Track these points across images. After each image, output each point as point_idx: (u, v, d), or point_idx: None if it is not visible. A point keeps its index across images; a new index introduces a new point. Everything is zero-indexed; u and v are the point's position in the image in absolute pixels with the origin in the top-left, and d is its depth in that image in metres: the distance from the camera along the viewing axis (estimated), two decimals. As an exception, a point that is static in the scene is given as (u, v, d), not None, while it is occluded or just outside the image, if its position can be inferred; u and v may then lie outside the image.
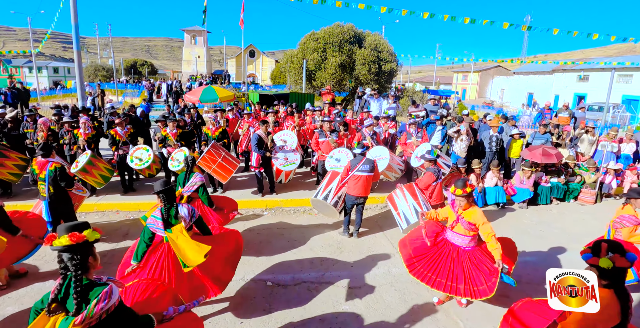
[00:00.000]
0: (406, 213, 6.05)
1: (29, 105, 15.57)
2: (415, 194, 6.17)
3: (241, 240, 4.53)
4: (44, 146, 5.48)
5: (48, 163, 5.35)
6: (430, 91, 32.45)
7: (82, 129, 7.87)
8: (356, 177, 6.09)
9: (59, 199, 5.41)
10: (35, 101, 21.20)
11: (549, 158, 8.24)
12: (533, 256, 5.87)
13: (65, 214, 5.52)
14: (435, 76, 54.79)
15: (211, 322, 4.09)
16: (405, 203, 6.12)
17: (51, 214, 5.36)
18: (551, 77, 39.01)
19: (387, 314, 4.31)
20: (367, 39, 21.37)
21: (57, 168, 5.35)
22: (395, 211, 6.22)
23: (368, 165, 6.14)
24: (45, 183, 5.28)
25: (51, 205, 5.36)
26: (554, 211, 8.09)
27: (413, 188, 6.33)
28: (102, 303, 2.18)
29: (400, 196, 6.24)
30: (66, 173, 5.47)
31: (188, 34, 62.06)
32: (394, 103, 12.92)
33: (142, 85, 32.41)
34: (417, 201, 6.07)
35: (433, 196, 6.33)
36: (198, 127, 10.30)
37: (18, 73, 53.66)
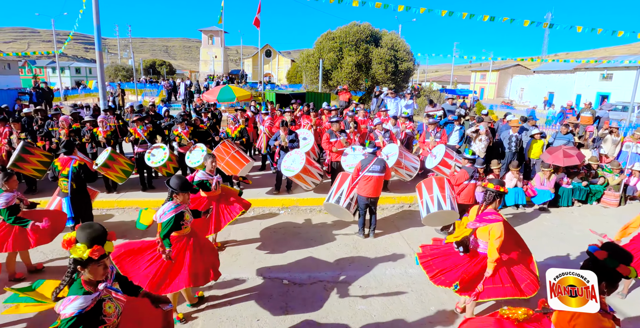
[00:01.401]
0: (428, 203, 6.05)
1: (53, 104, 16.01)
2: (444, 188, 6.14)
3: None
4: (66, 144, 5.64)
5: (71, 160, 5.50)
6: (448, 91, 32.04)
7: (100, 127, 8.06)
8: (367, 177, 6.07)
9: (80, 195, 5.58)
10: (58, 101, 21.80)
11: (571, 160, 8.02)
12: (553, 259, 5.74)
13: (84, 209, 5.69)
14: (452, 75, 54.03)
15: (229, 318, 4.14)
16: (429, 194, 6.13)
17: (73, 210, 5.52)
18: (573, 76, 38.06)
19: (404, 316, 4.28)
20: (384, 38, 21.23)
21: (81, 164, 5.51)
22: (420, 200, 6.23)
23: (379, 165, 6.11)
24: (68, 180, 5.42)
25: (73, 201, 5.51)
26: (576, 214, 7.89)
27: (444, 181, 6.30)
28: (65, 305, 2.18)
29: (427, 186, 6.24)
30: (89, 170, 5.66)
31: (205, 34, 62.76)
32: (411, 100, 12.81)
33: (160, 84, 32.96)
34: (443, 194, 6.04)
35: (461, 195, 6.24)
36: (213, 126, 10.42)
37: (42, 73, 55.23)
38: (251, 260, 5.49)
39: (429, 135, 8.55)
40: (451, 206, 5.95)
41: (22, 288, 2.79)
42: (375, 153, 6.24)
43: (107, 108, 9.62)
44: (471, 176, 6.17)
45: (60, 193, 5.62)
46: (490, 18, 13.18)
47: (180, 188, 3.88)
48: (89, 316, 2.20)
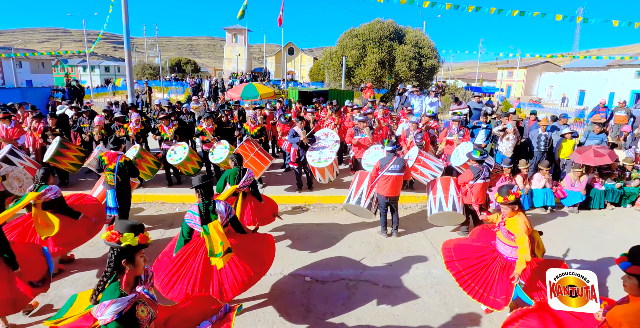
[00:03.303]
0: (432, 203, 6.18)
1: (84, 101, 16.57)
2: (447, 189, 6.10)
3: (273, 244, 4.45)
4: (115, 140, 6.00)
5: (117, 155, 5.81)
6: (473, 88, 31.26)
7: (132, 125, 8.28)
8: (386, 177, 6.00)
9: (124, 188, 5.89)
10: (88, 98, 22.54)
11: (602, 159, 7.70)
12: (583, 264, 5.52)
13: (126, 201, 6.01)
14: (478, 73, 52.80)
15: (251, 314, 4.19)
16: (433, 194, 6.22)
17: (117, 201, 5.80)
18: (606, 73, 36.50)
19: (427, 317, 4.22)
20: (408, 35, 20.95)
21: (127, 161, 5.84)
22: (433, 197, 6.24)
23: (398, 165, 6.02)
24: (114, 174, 5.70)
25: (117, 193, 5.78)
26: (608, 217, 7.58)
27: (449, 181, 6.23)
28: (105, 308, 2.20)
29: (436, 185, 6.32)
30: (134, 166, 6.00)
31: (229, 32, 63.58)
32: (435, 97, 12.60)
33: (186, 82, 33.62)
34: (445, 195, 6.05)
35: (469, 195, 6.11)
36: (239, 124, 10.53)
37: (73, 72, 57.28)
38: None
39: (451, 134, 8.36)
40: (453, 207, 5.92)
41: (56, 318, 2.75)
42: (394, 151, 6.16)
43: (130, 106, 9.88)
44: (477, 176, 6.00)
45: (105, 184, 5.90)
46: (520, 13, 12.81)
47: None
48: (128, 317, 2.23)
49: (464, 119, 9.08)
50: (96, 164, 5.98)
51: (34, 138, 8.41)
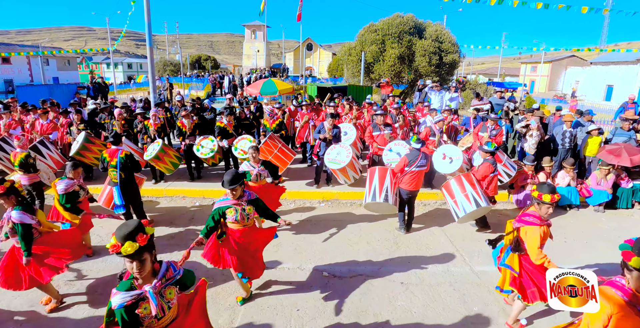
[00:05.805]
0: (463, 202, 5.88)
1: (108, 98, 17.00)
2: (474, 184, 5.96)
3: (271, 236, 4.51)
4: (114, 135, 6.00)
5: (118, 151, 5.82)
6: (495, 84, 30.58)
7: (151, 120, 8.46)
8: (413, 172, 6.01)
9: (129, 184, 5.86)
10: (112, 94, 23.10)
11: (638, 158, 7.35)
12: (608, 265, 5.35)
13: (134, 197, 5.99)
14: (500, 67, 51.53)
15: (269, 307, 4.24)
16: (462, 192, 5.93)
17: (123, 198, 5.84)
18: (635, 67, 35.09)
19: (445, 315, 4.19)
20: (428, 29, 20.58)
21: (127, 154, 5.81)
22: (452, 200, 6.04)
23: (425, 160, 6.12)
24: (117, 170, 5.72)
25: (122, 190, 5.81)
26: (636, 217, 7.33)
27: (471, 177, 6.09)
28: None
29: (458, 185, 6.04)
30: (134, 159, 5.95)
31: (248, 29, 63.89)
32: (456, 93, 12.36)
33: (205, 78, 34.08)
34: (476, 191, 5.87)
35: (490, 188, 6.06)
36: (257, 119, 10.62)
37: (98, 69, 58.75)
38: (292, 251, 5.59)
39: (484, 129, 8.17)
40: (476, 204, 5.77)
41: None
42: (420, 149, 6.11)
43: (158, 102, 10.07)
44: (495, 168, 6.00)
45: (110, 183, 5.94)
46: (545, 5, 12.43)
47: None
48: (129, 310, 2.41)
49: (500, 118, 8.75)
50: (100, 164, 6.08)
51: (61, 133, 8.71)
